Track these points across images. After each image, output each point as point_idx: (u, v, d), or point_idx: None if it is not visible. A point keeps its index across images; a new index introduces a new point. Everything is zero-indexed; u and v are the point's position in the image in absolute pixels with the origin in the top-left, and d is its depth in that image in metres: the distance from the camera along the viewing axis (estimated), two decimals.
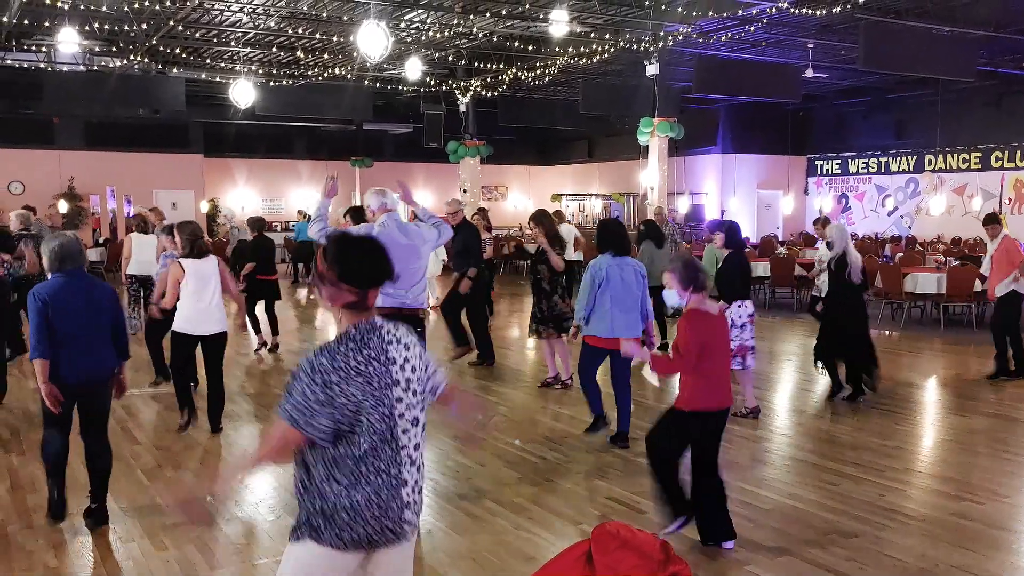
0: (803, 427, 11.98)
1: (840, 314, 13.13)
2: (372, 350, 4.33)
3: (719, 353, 7.64)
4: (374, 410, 4.28)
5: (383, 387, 4.31)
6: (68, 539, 7.83)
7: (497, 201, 45.99)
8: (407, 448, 4.41)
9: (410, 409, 4.44)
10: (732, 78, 25.56)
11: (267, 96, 29.17)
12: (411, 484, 4.42)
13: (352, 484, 4.27)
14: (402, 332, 4.52)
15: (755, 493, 9.03)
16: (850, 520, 8.27)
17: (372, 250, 4.47)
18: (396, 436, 4.36)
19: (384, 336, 4.41)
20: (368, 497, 4.27)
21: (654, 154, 26.74)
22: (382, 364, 4.33)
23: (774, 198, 39.30)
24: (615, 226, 11.25)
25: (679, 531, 7.68)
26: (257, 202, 41.34)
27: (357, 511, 4.26)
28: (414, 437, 4.46)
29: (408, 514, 4.40)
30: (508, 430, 11.50)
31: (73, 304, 7.87)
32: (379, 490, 4.29)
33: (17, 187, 34.67)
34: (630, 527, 5.54)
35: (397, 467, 4.36)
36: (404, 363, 4.43)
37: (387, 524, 4.32)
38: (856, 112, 36.99)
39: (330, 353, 4.28)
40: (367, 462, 4.28)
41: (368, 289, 4.38)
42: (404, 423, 4.40)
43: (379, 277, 4.42)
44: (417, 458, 4.47)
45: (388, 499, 4.31)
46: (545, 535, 7.91)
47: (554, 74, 29.10)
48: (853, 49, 23.27)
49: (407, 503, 4.39)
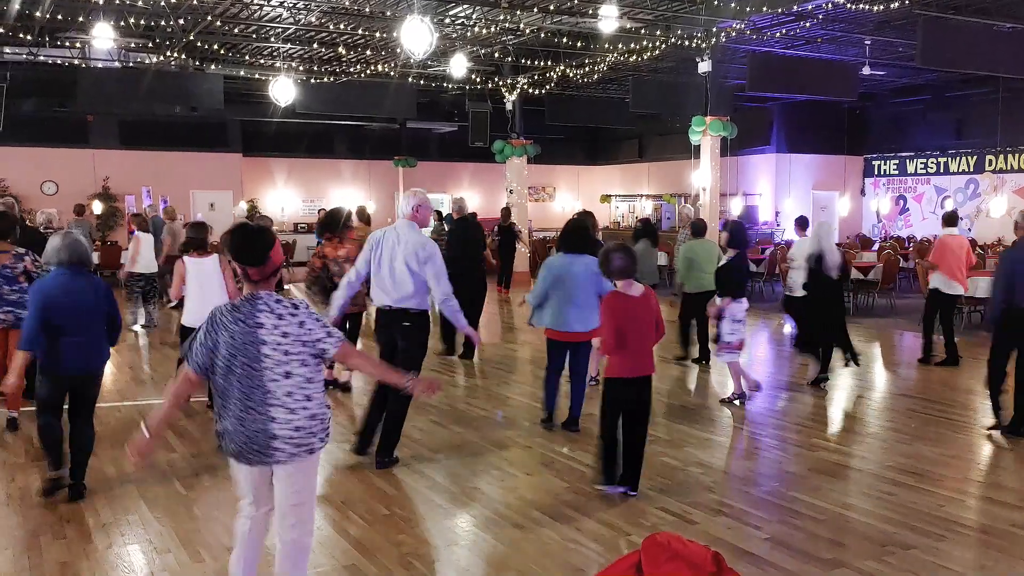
0: (858, 435, 11.88)
1: (819, 306, 14.52)
2: (242, 313, 5.66)
3: (635, 330, 8.88)
4: (234, 358, 5.61)
5: (246, 343, 5.61)
6: (101, 550, 7.84)
7: (545, 202, 45.99)
8: (275, 393, 5.64)
9: (279, 364, 5.65)
10: (787, 76, 25.42)
11: (308, 94, 28.89)
12: (280, 420, 5.65)
13: (225, 413, 5.71)
14: (281, 306, 5.73)
15: (809, 503, 8.96)
16: (906, 531, 8.21)
17: (246, 238, 5.83)
18: (264, 383, 5.62)
19: (257, 305, 5.70)
20: (234, 425, 5.66)
21: (706, 154, 26.55)
22: (249, 326, 5.63)
23: (830, 199, 39.00)
24: (572, 226, 12.17)
25: (613, 492, 9.10)
26: (297, 203, 41.23)
27: (228, 434, 5.71)
28: (285, 386, 5.66)
29: (277, 443, 5.66)
30: (555, 438, 11.50)
31: (72, 299, 8.78)
32: (244, 421, 5.64)
33: (50, 187, 34.86)
34: (681, 538, 5.53)
35: (265, 407, 5.63)
36: (273, 328, 5.65)
37: (254, 447, 5.66)
38: (914, 111, 36.72)
39: (211, 313, 5.77)
40: (238, 399, 5.63)
41: (246, 265, 5.75)
42: (272, 374, 5.64)
43: (248, 259, 5.76)
44: (288, 402, 5.67)
45: (254, 429, 5.64)
46: (593, 546, 7.88)
47: (603, 71, 29.05)
48: (911, 46, 23.10)
49: (274, 435, 5.64)
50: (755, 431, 11.87)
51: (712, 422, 12.27)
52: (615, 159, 46.66)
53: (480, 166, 42.16)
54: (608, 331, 8.84)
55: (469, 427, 11.88)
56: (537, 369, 15.46)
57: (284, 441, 5.66)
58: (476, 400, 13.68)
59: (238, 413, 5.64)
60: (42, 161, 34.65)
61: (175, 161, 36.73)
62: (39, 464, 10.26)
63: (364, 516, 8.60)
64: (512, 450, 10.90)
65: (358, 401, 13.22)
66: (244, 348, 5.61)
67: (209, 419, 11.89)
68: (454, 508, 8.94)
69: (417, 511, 8.90)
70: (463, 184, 42.79)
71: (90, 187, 35.25)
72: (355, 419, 11.93)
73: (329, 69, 30.33)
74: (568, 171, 47.45)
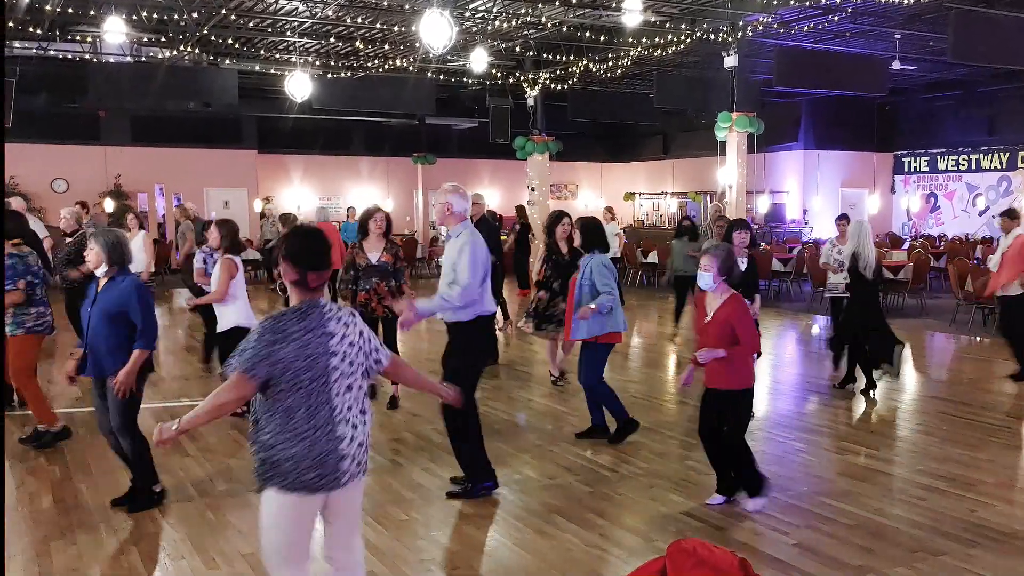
0: (887, 439, 11.88)
1: (852, 307, 14.38)
2: (310, 322, 5.32)
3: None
4: (306, 373, 5.22)
5: (317, 355, 5.27)
6: (114, 555, 7.87)
7: (567, 200, 45.88)
8: (341, 409, 5.37)
9: (344, 377, 5.40)
10: (815, 70, 25.37)
11: (324, 89, 28.92)
12: (347, 439, 5.36)
13: (291, 439, 5.24)
14: (344, 313, 5.52)
15: (839, 508, 8.94)
16: (938, 537, 8.17)
17: (313, 240, 5.53)
18: (331, 399, 5.32)
19: (325, 312, 5.40)
20: (304, 450, 5.23)
21: (732, 150, 26.57)
22: (318, 336, 5.30)
23: (859, 197, 38.96)
24: (597, 224, 11.82)
25: (722, 504, 8.95)
26: (314, 200, 40.82)
27: (296, 461, 5.23)
28: (349, 400, 5.42)
29: (345, 464, 5.36)
30: (578, 441, 11.49)
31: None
32: (315, 443, 5.24)
33: (61, 184, 34.89)
34: (707, 544, 5.52)
35: (332, 424, 5.31)
36: (341, 338, 5.40)
37: (324, 472, 5.28)
38: (945, 106, 36.64)
39: (274, 319, 5.32)
40: (305, 420, 5.24)
41: (307, 271, 5.38)
42: (338, 387, 5.37)
43: (315, 263, 5.43)
44: (353, 417, 5.43)
45: (324, 452, 5.27)
46: (617, 552, 7.88)
47: (627, 66, 29.07)
48: (942, 40, 23.07)
49: (343, 455, 5.35)
50: (783, 434, 11.83)
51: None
52: (639, 156, 46.64)
53: (501, 163, 42.23)
54: (754, 332, 8.71)
55: (490, 431, 11.74)
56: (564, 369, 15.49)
57: (352, 461, 5.39)
58: (497, 403, 13.65)
59: (306, 434, 5.23)
60: (52, 158, 34.58)
61: (189, 158, 36.79)
62: (48, 468, 10.31)
63: (382, 521, 8.61)
64: (534, 454, 10.88)
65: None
66: (313, 361, 5.24)
67: (223, 423, 11.91)
68: (474, 513, 8.94)
69: (437, 516, 8.89)
70: (483, 182, 42.77)
71: (102, 185, 35.26)
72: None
73: (346, 64, 30.31)
74: (591, 168, 47.49)
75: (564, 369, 14.86)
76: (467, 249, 8.94)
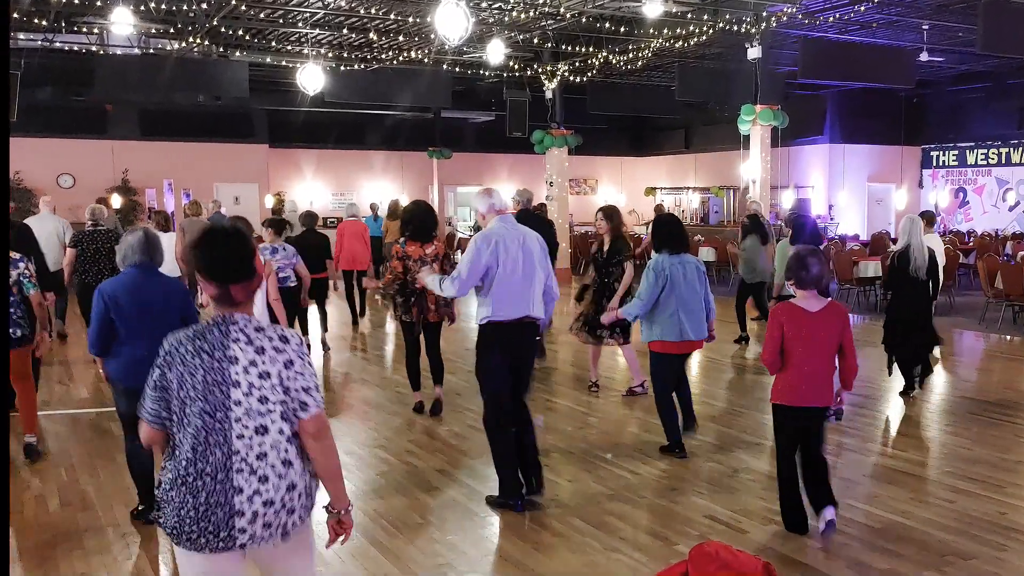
0: (915, 440, 11.86)
1: (903, 310, 13.74)
2: (208, 343, 4.51)
3: (803, 350, 8.05)
4: (193, 404, 4.45)
5: (210, 383, 4.46)
6: (121, 561, 7.89)
7: (586, 195, 45.80)
8: (242, 454, 4.47)
9: (251, 416, 4.50)
10: (840, 62, 25.30)
11: (337, 82, 28.85)
12: (247, 493, 4.46)
13: (173, 482, 4.50)
14: (263, 335, 4.61)
15: (865, 511, 8.93)
16: (967, 540, 8.15)
17: (227, 246, 4.62)
18: (229, 440, 4.46)
19: (230, 332, 4.54)
20: (184, 498, 4.46)
21: (756, 144, 26.53)
22: (216, 360, 4.48)
23: (886, 192, 38.89)
24: (672, 222, 11.39)
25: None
26: (327, 196, 41.05)
27: (175, 510, 4.48)
28: (257, 446, 4.50)
29: (241, 522, 4.46)
30: (599, 443, 11.50)
31: (136, 301, 8.17)
32: (198, 493, 4.44)
33: (67, 180, 34.70)
34: (730, 548, 5.53)
35: (226, 471, 4.45)
36: (249, 365, 4.51)
37: (208, 528, 4.44)
38: (975, 99, 36.46)
39: (169, 338, 4.60)
40: (191, 462, 4.45)
41: (228, 284, 4.55)
42: (241, 428, 4.48)
43: (231, 274, 4.57)
44: (260, 467, 4.51)
45: (212, 504, 4.44)
46: (638, 556, 7.87)
47: (648, 58, 28.96)
48: (972, 31, 22.98)
49: (238, 511, 4.45)
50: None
51: (763, 426, 12.16)
52: (660, 150, 46.45)
53: (518, 157, 42.07)
54: (770, 345, 8.12)
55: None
56: (579, 371, 15.47)
57: (249, 520, 4.49)
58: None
59: (189, 479, 4.48)
60: (58, 153, 34.44)
61: (198, 153, 36.57)
62: (51, 471, 10.35)
63: (397, 524, 8.62)
64: (553, 456, 10.84)
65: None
66: (206, 391, 4.47)
67: None
68: (491, 516, 8.95)
69: (453, 520, 8.89)
70: (500, 177, 42.72)
71: (109, 180, 35.08)
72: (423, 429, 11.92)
73: (360, 56, 30.20)
74: (611, 162, 47.29)
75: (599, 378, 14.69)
76: (472, 245, 8.92)
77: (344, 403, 13.71)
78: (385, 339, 20.10)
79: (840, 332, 8.11)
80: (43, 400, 13.13)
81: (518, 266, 8.89)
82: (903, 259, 13.34)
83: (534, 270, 9.03)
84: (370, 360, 17.59)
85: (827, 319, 8.08)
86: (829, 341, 8.09)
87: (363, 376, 15.95)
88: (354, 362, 17.24)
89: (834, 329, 8.10)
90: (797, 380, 8.10)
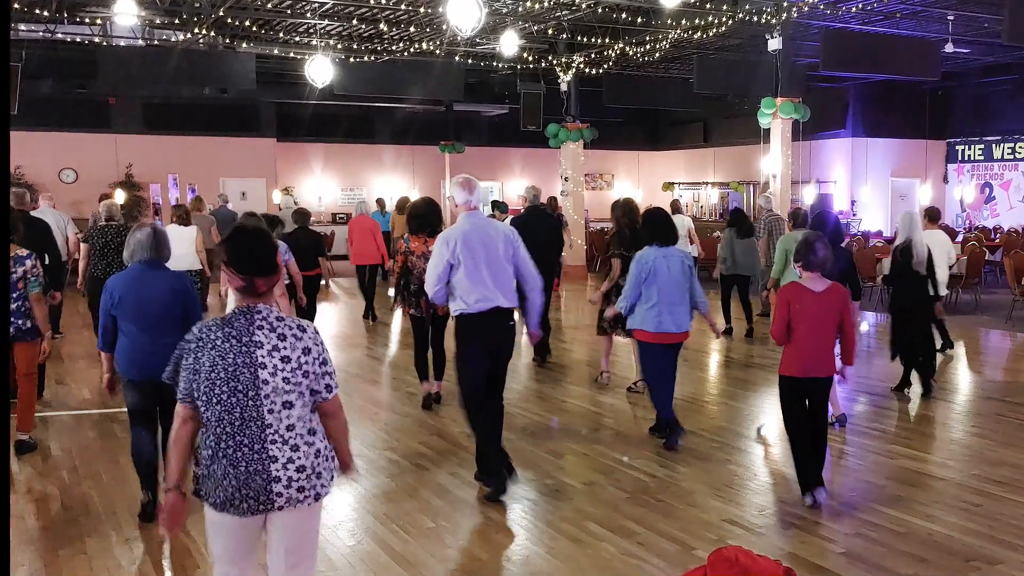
0: (939, 441, 11.85)
1: (905, 305, 14.05)
2: (235, 330, 5.19)
3: (808, 327, 9.03)
4: (225, 384, 5.11)
5: (240, 365, 5.12)
6: (125, 566, 7.88)
7: (603, 190, 45.70)
8: (275, 427, 5.18)
9: (278, 393, 5.17)
10: (863, 54, 25.26)
11: (347, 74, 28.98)
12: (281, 460, 5.18)
13: (212, 455, 5.20)
14: (283, 324, 5.30)
15: (888, 515, 8.89)
16: (994, 545, 8.12)
17: (257, 243, 5.35)
18: (261, 415, 5.15)
19: (255, 320, 5.22)
20: (226, 469, 5.16)
21: (776, 138, 26.44)
22: (243, 344, 5.16)
23: (910, 187, 38.74)
24: (659, 216, 11.75)
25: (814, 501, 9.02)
26: (336, 191, 41.04)
27: (217, 480, 5.18)
28: (286, 419, 5.20)
29: (278, 487, 5.17)
30: (615, 444, 11.48)
31: (139, 295, 8.51)
32: (238, 463, 5.14)
33: (69, 174, 34.79)
34: (750, 552, 5.51)
35: (262, 443, 5.16)
36: (272, 350, 5.19)
37: (248, 494, 5.15)
38: (1001, 92, 36.37)
39: (199, 326, 5.29)
40: (227, 436, 5.15)
41: (253, 276, 5.24)
42: (271, 404, 5.16)
43: (258, 267, 5.26)
44: (292, 437, 5.22)
45: (251, 472, 5.14)
46: (655, 561, 7.85)
47: (665, 49, 28.93)
48: (997, 22, 22.92)
49: (275, 477, 5.16)
50: (829, 437, 11.80)
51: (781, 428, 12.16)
52: (678, 144, 46.33)
53: (533, 151, 42.02)
54: (778, 322, 9.10)
55: (522, 433, 11.82)
56: (593, 371, 15.47)
57: (285, 485, 5.18)
58: (529, 404, 13.66)
59: (228, 452, 5.15)
60: (61, 146, 34.46)
61: (204, 147, 36.60)
62: (53, 474, 10.36)
63: (408, 529, 8.61)
64: (568, 458, 10.89)
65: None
66: (235, 372, 5.11)
67: None
68: (505, 520, 8.95)
69: (465, 524, 8.90)
70: (514, 171, 42.78)
71: (112, 174, 35.03)
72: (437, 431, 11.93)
73: (369, 47, 30.09)
74: (627, 157, 47.19)
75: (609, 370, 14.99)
76: (434, 248, 9.57)
77: (352, 403, 13.66)
78: (394, 337, 20.08)
79: (840, 310, 9.10)
80: (44, 400, 13.23)
81: (482, 260, 9.38)
82: (906, 253, 13.63)
83: (500, 263, 9.51)
84: (379, 359, 17.60)
85: (829, 299, 9.05)
86: (831, 318, 9.07)
87: (372, 376, 15.97)
88: (363, 361, 17.21)
89: (835, 307, 9.08)
90: (801, 353, 9.07)
